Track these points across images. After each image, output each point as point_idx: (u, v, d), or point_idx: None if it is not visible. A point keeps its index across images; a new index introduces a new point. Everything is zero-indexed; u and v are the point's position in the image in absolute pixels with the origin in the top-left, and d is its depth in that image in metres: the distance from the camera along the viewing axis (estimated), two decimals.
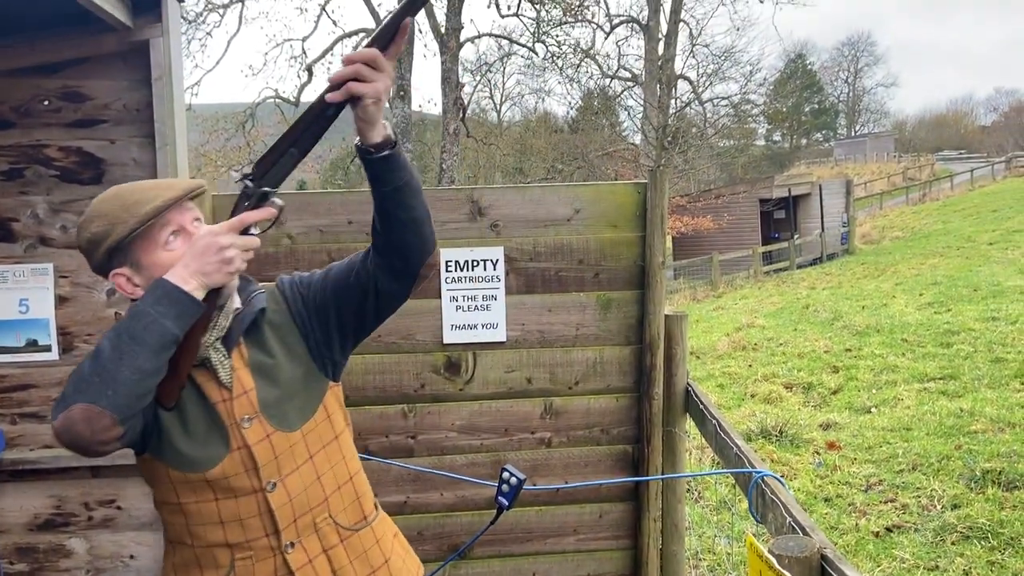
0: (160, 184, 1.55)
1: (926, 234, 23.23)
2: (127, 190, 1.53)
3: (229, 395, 1.57)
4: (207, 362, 1.56)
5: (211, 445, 1.54)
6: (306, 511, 1.62)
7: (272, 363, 1.62)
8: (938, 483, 4.70)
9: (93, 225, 1.50)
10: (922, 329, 9.25)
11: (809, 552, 1.63)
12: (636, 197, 3.09)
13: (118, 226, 1.47)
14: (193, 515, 1.56)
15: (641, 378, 3.15)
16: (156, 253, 1.50)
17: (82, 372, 1.37)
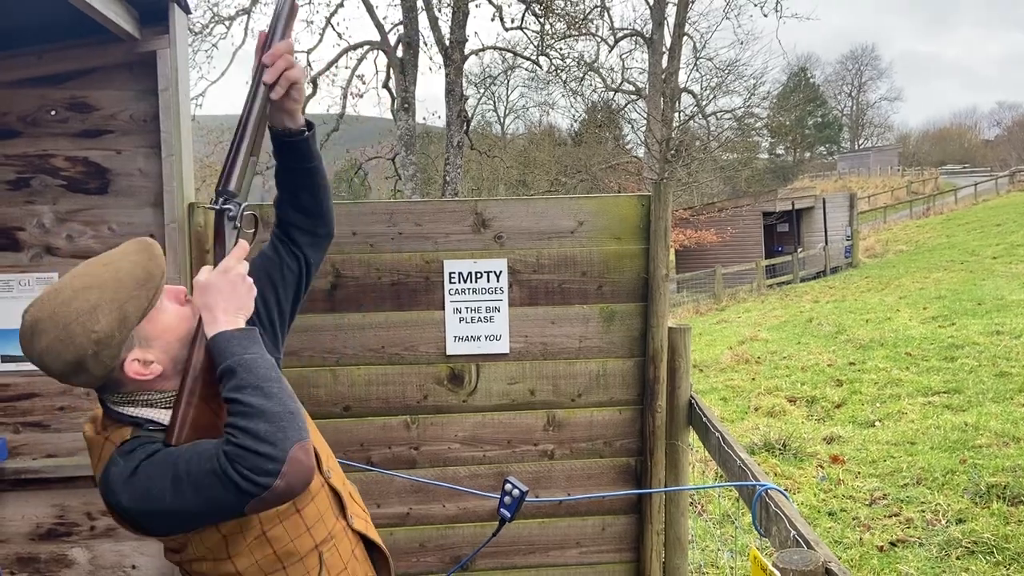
0: (116, 257, 1.46)
1: (930, 248, 23.20)
2: (99, 275, 1.41)
3: None
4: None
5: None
6: (343, 483, 1.76)
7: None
8: (943, 497, 4.68)
9: (94, 322, 1.37)
10: (926, 343, 9.23)
11: (813, 566, 1.63)
12: (640, 210, 3.09)
13: (129, 305, 1.40)
14: (280, 539, 1.53)
15: (644, 391, 3.15)
16: (160, 319, 1.47)
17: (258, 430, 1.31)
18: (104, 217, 2.87)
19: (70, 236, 2.87)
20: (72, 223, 2.87)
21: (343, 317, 3.00)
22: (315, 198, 1.78)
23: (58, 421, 2.91)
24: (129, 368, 1.43)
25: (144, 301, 1.42)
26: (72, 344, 1.36)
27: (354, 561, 1.69)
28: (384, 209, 3.00)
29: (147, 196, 2.88)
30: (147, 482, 1.36)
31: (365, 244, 2.99)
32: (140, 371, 1.44)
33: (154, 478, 1.35)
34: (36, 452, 2.91)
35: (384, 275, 3.00)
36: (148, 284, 1.43)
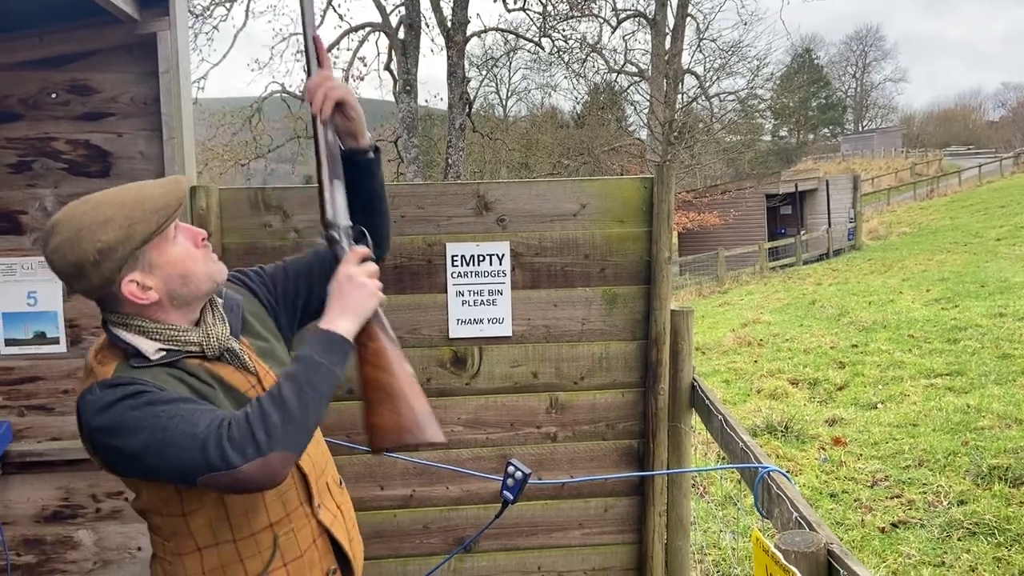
0: (147, 184, 1.52)
1: (933, 230, 23.14)
2: (112, 196, 1.47)
3: (256, 379, 1.62)
4: (230, 354, 1.59)
5: None
6: (321, 472, 1.74)
7: (268, 346, 1.72)
8: (944, 479, 4.69)
9: (103, 233, 1.42)
10: (929, 325, 9.22)
11: (816, 547, 1.63)
12: (643, 192, 3.08)
13: (138, 226, 1.43)
14: (236, 506, 1.55)
15: (647, 373, 3.15)
16: (169, 251, 1.50)
17: (268, 420, 1.38)
18: None
19: None
20: None
21: None
22: (373, 215, 1.82)
23: (62, 404, 2.92)
24: (126, 288, 1.46)
25: (153, 226, 1.45)
26: (78, 248, 1.42)
27: (313, 551, 1.67)
28: (387, 192, 2.99)
29: (148, 179, 2.87)
30: (120, 419, 1.40)
31: None
32: (136, 293, 1.47)
33: (130, 419, 1.39)
34: (41, 435, 2.92)
35: (387, 258, 2.99)
36: (162, 212, 1.46)
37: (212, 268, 1.57)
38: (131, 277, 1.46)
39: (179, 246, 1.52)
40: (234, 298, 1.69)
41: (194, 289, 1.53)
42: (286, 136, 20.19)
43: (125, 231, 1.43)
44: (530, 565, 3.22)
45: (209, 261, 1.56)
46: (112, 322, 1.52)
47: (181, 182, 1.54)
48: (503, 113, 36.38)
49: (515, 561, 3.21)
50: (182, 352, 1.53)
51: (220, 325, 1.59)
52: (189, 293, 1.53)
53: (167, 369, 1.50)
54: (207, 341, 1.55)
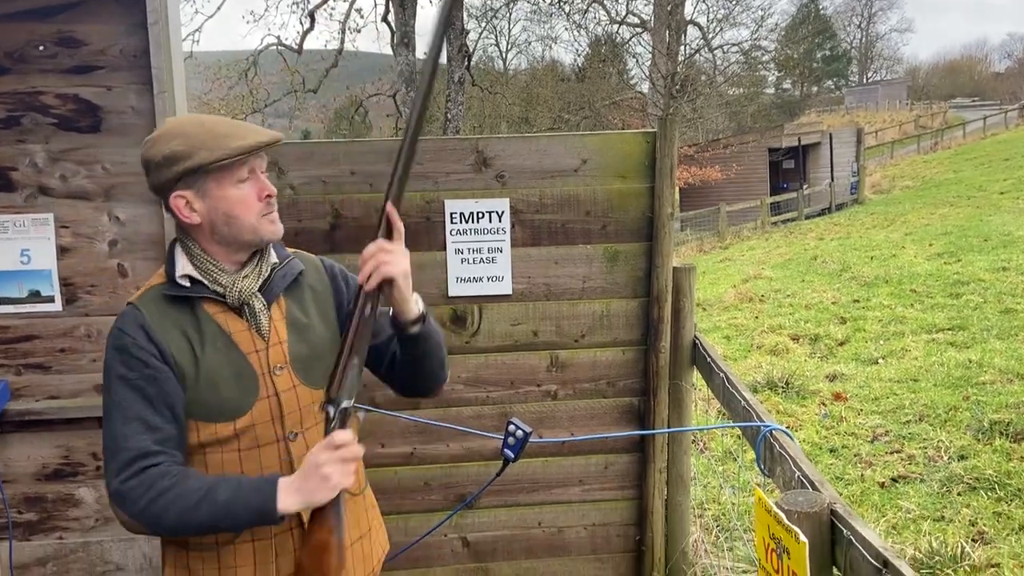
0: (242, 125, 1.58)
1: (937, 183, 23.00)
2: (211, 121, 1.55)
3: (264, 344, 1.62)
4: (247, 309, 1.60)
5: (242, 394, 1.58)
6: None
7: (307, 322, 1.70)
8: (945, 434, 4.70)
9: (174, 143, 1.50)
10: (931, 280, 9.19)
11: (819, 507, 1.62)
12: (645, 147, 3.02)
13: (203, 151, 1.48)
14: (215, 465, 1.58)
15: (648, 331, 3.13)
16: (228, 189, 1.53)
17: (163, 499, 1.46)
18: (97, 156, 2.81)
19: (63, 176, 2.82)
20: (65, 162, 2.81)
21: (344, 258, 2.93)
22: (411, 374, 1.82)
23: (59, 363, 2.89)
24: (175, 201, 1.53)
25: (214, 157, 1.49)
26: (154, 148, 1.53)
27: (287, 538, 1.64)
28: (384, 148, 2.94)
29: (141, 135, 2.79)
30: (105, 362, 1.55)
31: (364, 184, 2.93)
32: (181, 209, 1.53)
33: (106, 367, 1.55)
34: (39, 394, 2.90)
35: None
36: (230, 149, 1.49)
37: (262, 224, 1.58)
38: (182, 193, 1.52)
39: (240, 190, 1.54)
40: (295, 266, 1.70)
41: (235, 233, 1.56)
42: (283, 90, 19.93)
43: (189, 150, 1.49)
44: (530, 521, 3.23)
45: (262, 217, 1.58)
46: (177, 236, 1.62)
47: (278, 137, 1.59)
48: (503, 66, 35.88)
49: (516, 517, 3.22)
50: (208, 289, 1.57)
51: (251, 279, 1.61)
52: (229, 234, 1.56)
53: (180, 308, 1.57)
54: (231, 287, 1.57)
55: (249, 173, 1.56)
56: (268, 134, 1.57)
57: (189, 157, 1.49)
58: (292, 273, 1.69)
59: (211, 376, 1.56)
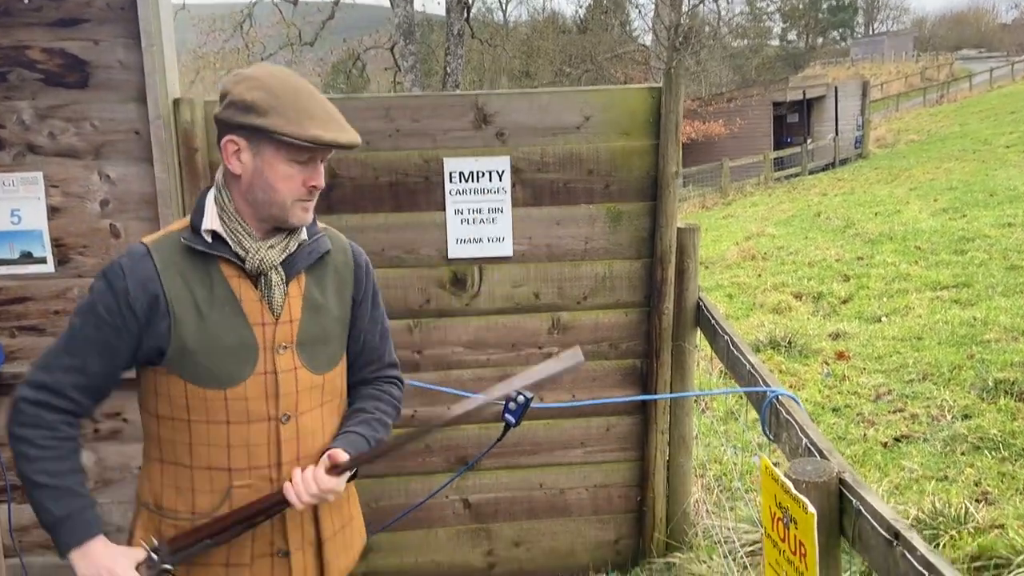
0: (331, 112, 1.50)
1: (942, 137, 22.75)
2: (306, 91, 1.49)
3: (273, 320, 1.57)
4: (264, 280, 1.56)
5: (238, 364, 1.54)
6: (308, 455, 1.64)
7: (323, 303, 1.65)
8: (949, 393, 4.67)
9: (258, 93, 1.45)
10: (936, 236, 9.11)
11: (827, 477, 1.58)
12: (650, 103, 2.93)
13: (279, 118, 1.44)
14: (200, 434, 1.55)
15: (651, 292, 3.07)
16: (281, 162, 1.49)
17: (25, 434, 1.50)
18: (85, 113, 2.75)
19: (52, 133, 2.76)
20: (53, 120, 2.75)
21: (340, 219, 2.90)
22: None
23: (53, 325, 2.86)
24: (226, 144, 1.50)
25: (285, 130, 1.43)
26: (238, 86, 1.48)
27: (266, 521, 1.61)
28: (380, 104, 2.85)
29: (129, 90, 2.74)
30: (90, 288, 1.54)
31: (362, 141, 2.85)
32: (228, 153, 1.50)
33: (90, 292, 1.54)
34: (33, 356, 2.86)
35: (382, 175, 2.88)
36: (305, 135, 1.44)
37: (294, 208, 1.53)
38: (237, 140, 1.48)
39: (291, 169, 1.50)
40: (323, 244, 1.66)
41: (266, 202, 1.52)
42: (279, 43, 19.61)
43: (268, 108, 1.44)
44: (532, 482, 3.22)
45: (297, 203, 1.53)
46: (215, 184, 1.57)
47: (356, 142, 1.52)
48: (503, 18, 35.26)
49: (517, 479, 3.20)
50: (229, 250, 1.53)
51: (276, 250, 1.56)
52: (261, 200, 1.52)
53: (196, 261, 1.53)
54: (253, 253, 1.53)
55: (308, 159, 1.51)
56: (347, 136, 1.50)
57: (263, 115, 1.44)
58: (319, 251, 1.65)
59: (212, 339, 1.52)
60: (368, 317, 1.78)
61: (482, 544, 3.25)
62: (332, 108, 1.51)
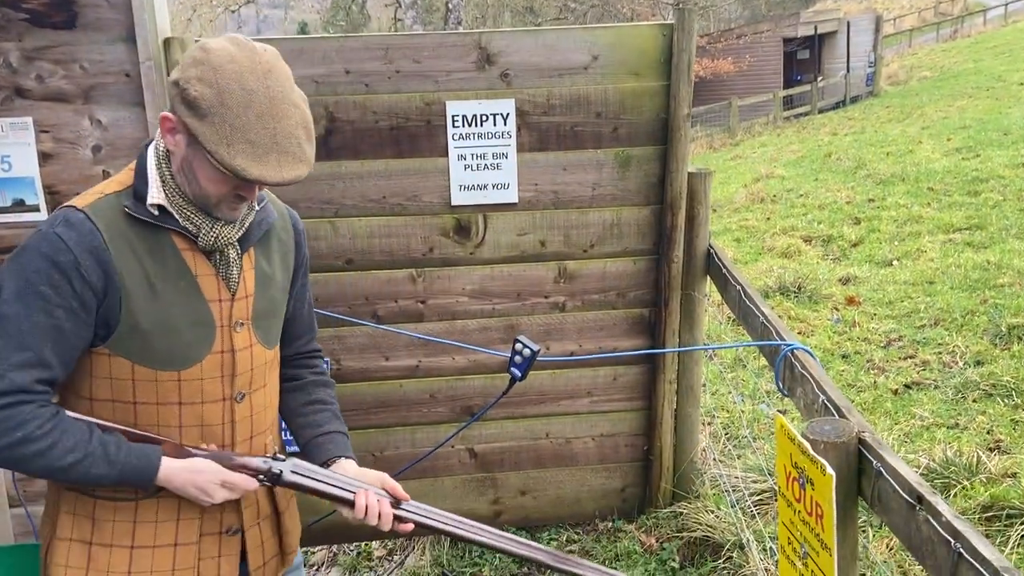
0: (281, 142, 1.31)
1: (955, 74, 22.26)
2: (261, 105, 1.29)
3: (230, 296, 1.48)
4: (220, 256, 1.45)
5: (192, 344, 1.43)
6: (260, 431, 1.58)
7: (271, 275, 1.57)
8: (961, 339, 4.60)
9: (204, 90, 1.27)
10: (949, 177, 8.93)
11: (847, 437, 1.52)
12: (661, 41, 2.80)
13: (210, 130, 1.27)
14: (148, 416, 1.42)
15: (661, 240, 2.99)
16: (208, 168, 1.33)
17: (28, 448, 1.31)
18: (74, 55, 2.65)
19: (40, 76, 2.66)
20: (41, 62, 2.65)
21: (340, 165, 2.81)
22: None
23: None
24: (164, 120, 1.35)
25: (214, 151, 1.28)
26: (190, 71, 1.29)
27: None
28: (379, 44, 2.73)
29: (118, 30, 2.63)
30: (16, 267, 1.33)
31: (360, 84, 2.74)
32: (164, 129, 1.36)
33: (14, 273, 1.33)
34: None
35: (382, 119, 2.77)
36: (233, 166, 1.28)
37: (220, 208, 1.40)
38: (174, 122, 1.33)
39: (221, 175, 1.33)
40: (270, 214, 1.56)
41: (194, 192, 1.38)
42: None
43: (207, 113, 1.27)
44: (538, 432, 3.19)
45: (223, 203, 1.39)
46: (155, 150, 1.41)
47: (288, 182, 1.33)
48: None
49: (523, 428, 3.17)
50: (178, 223, 1.40)
51: (232, 227, 1.45)
52: (189, 188, 1.38)
53: (143, 231, 1.39)
54: (207, 231, 1.41)
55: (235, 189, 1.37)
56: (282, 174, 1.31)
57: (200, 118, 1.27)
58: (268, 222, 1.55)
59: (165, 318, 1.39)
60: (302, 284, 1.70)
61: (488, 493, 3.23)
62: (286, 129, 1.31)
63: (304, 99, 1.38)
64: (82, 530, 1.44)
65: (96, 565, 1.44)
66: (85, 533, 1.44)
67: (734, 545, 2.82)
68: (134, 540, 1.45)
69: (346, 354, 2.99)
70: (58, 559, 1.44)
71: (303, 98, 1.38)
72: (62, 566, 1.44)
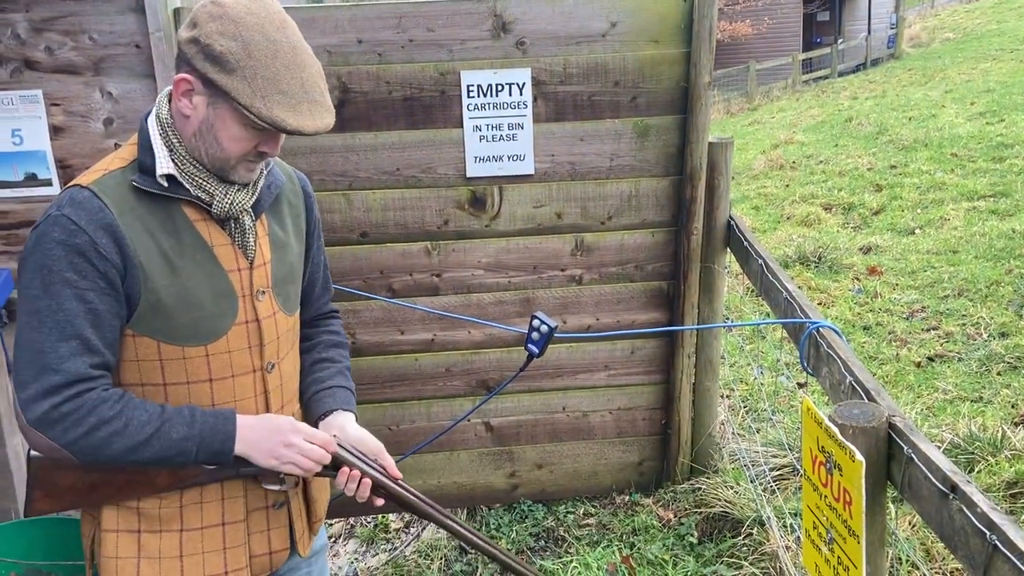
0: (310, 90, 1.29)
1: (979, 35, 21.73)
2: (288, 54, 1.27)
3: (248, 265, 1.45)
4: (235, 224, 1.42)
5: (216, 316, 1.41)
6: (289, 399, 1.58)
7: (285, 240, 1.54)
8: (985, 310, 4.51)
9: (229, 43, 1.24)
10: (973, 142, 8.73)
11: (877, 421, 1.48)
12: (681, 6, 2.72)
13: (242, 84, 1.24)
14: (180, 398, 1.40)
15: (680, 212, 2.93)
16: (233, 125, 1.30)
17: (103, 429, 1.29)
18: (83, 25, 2.61)
19: (49, 48, 2.63)
20: (50, 33, 2.62)
21: (353, 137, 2.75)
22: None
23: None
24: (180, 82, 1.30)
25: (247, 103, 1.25)
26: (209, 25, 1.26)
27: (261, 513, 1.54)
28: (392, 12, 2.66)
29: (127, 0, 2.58)
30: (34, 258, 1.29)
31: (373, 54, 2.68)
32: (180, 92, 1.31)
33: (34, 266, 1.28)
34: None
35: (395, 89, 2.71)
36: (268, 116, 1.25)
37: (238, 166, 1.36)
38: (192, 83, 1.29)
39: (244, 133, 1.31)
40: (279, 177, 1.53)
41: (211, 154, 1.34)
42: None
43: (234, 68, 1.24)
44: (555, 405, 3.16)
45: (242, 163, 1.36)
46: (158, 118, 1.36)
47: (320, 131, 1.31)
48: None
49: (539, 402, 3.15)
50: (190, 193, 1.37)
51: (246, 193, 1.41)
52: (206, 151, 1.34)
53: (153, 205, 1.35)
54: (221, 198, 1.38)
55: (268, 139, 1.35)
56: (316, 123, 1.30)
57: (229, 73, 1.24)
58: (277, 186, 1.52)
59: (187, 293, 1.37)
60: (317, 247, 1.68)
61: (505, 466, 3.22)
62: (311, 78, 1.30)
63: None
64: (128, 520, 1.42)
65: (147, 551, 1.43)
66: (132, 523, 1.42)
67: (754, 521, 2.79)
68: (182, 523, 1.44)
69: (361, 328, 2.96)
70: (108, 551, 1.42)
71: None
72: (113, 557, 1.42)
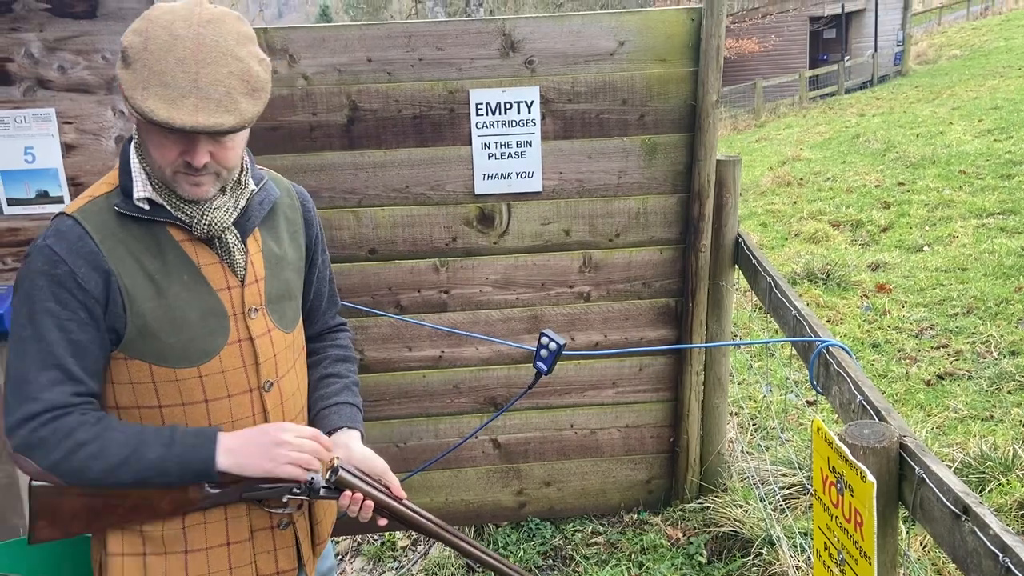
0: (205, 89, 1.22)
1: (986, 52, 21.76)
2: (187, 51, 1.21)
3: (239, 283, 1.44)
4: (219, 243, 1.41)
5: (206, 336, 1.39)
6: (293, 417, 1.56)
7: (281, 255, 1.53)
8: (995, 328, 4.49)
9: (134, 38, 1.23)
10: (981, 159, 8.72)
11: (887, 442, 1.47)
12: (689, 26, 2.73)
13: (130, 75, 1.21)
14: (176, 420, 1.40)
15: (688, 229, 2.93)
16: (152, 133, 1.28)
17: (80, 451, 1.30)
18: (96, 45, 2.64)
19: (62, 67, 2.66)
20: (63, 52, 2.65)
21: (363, 155, 2.77)
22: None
23: None
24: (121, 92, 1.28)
25: (127, 83, 1.22)
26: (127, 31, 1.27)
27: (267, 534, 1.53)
28: (402, 31, 2.68)
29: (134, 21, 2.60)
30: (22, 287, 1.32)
31: (383, 72, 2.70)
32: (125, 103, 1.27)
33: (24, 296, 1.31)
34: None
35: (405, 107, 2.73)
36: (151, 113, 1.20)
37: (179, 182, 1.32)
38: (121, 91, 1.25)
39: (161, 137, 1.27)
40: (272, 192, 1.51)
41: (151, 164, 1.32)
42: None
43: (131, 57, 1.22)
44: (563, 423, 3.15)
45: (178, 175, 1.31)
46: (133, 137, 1.36)
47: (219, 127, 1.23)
48: None
49: (547, 419, 3.14)
50: (171, 214, 1.35)
51: (224, 211, 1.38)
52: (149, 167, 1.33)
53: (137, 228, 1.34)
54: (199, 218, 1.36)
55: (181, 135, 1.27)
56: (197, 120, 1.21)
57: (126, 66, 1.22)
58: (269, 201, 1.50)
59: (175, 315, 1.36)
60: (321, 260, 1.67)
61: (512, 484, 3.21)
62: (216, 75, 1.22)
63: (261, 60, 1.29)
64: (133, 543, 1.42)
65: (153, 573, 1.42)
66: (136, 546, 1.42)
67: (763, 541, 2.77)
68: (187, 544, 1.43)
69: (369, 344, 2.97)
70: (114, 575, 1.42)
71: (259, 59, 1.29)
72: None
